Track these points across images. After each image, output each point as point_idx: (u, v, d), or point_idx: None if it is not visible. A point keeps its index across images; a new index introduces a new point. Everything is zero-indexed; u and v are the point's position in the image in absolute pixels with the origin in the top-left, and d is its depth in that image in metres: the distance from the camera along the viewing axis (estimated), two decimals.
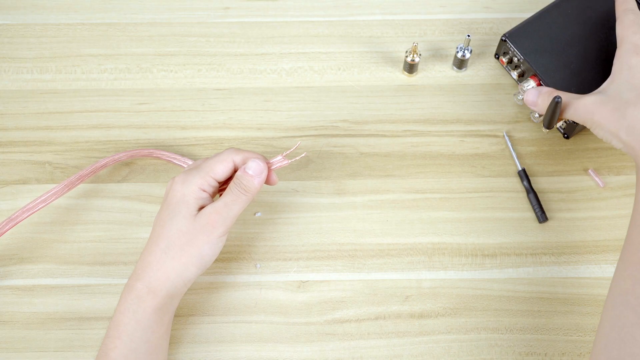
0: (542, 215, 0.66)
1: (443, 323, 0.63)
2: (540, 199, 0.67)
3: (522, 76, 0.69)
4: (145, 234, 0.66)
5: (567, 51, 0.66)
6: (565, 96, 0.61)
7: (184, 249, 0.57)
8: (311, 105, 0.72)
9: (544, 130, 0.63)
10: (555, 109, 0.60)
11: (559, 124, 0.67)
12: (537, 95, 0.63)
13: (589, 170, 0.69)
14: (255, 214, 0.67)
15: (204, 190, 0.59)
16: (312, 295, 0.64)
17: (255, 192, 0.59)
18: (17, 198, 0.68)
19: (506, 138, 0.69)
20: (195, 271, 0.58)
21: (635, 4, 0.63)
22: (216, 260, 0.65)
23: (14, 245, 0.66)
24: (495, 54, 0.71)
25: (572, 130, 0.67)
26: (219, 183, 0.60)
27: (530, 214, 0.67)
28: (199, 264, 0.58)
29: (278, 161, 0.61)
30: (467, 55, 0.71)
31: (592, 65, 0.65)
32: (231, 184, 0.59)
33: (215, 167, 0.59)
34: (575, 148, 0.70)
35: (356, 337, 0.63)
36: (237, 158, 0.60)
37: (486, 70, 0.73)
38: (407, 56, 0.71)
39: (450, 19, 0.76)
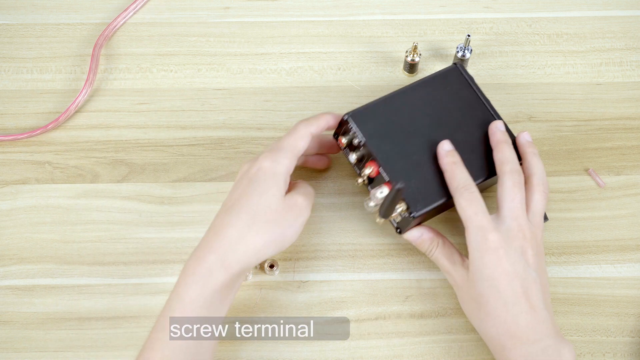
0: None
1: (443, 323, 0.63)
2: None
3: (360, 161, 0.63)
4: (145, 234, 0.66)
5: (410, 141, 0.61)
6: (443, 248, 0.61)
7: (269, 226, 0.57)
8: (311, 105, 0.72)
9: (378, 220, 0.60)
10: (395, 197, 0.57)
11: (394, 216, 0.62)
12: (419, 237, 0.62)
13: (589, 170, 0.69)
14: None
15: (290, 171, 0.59)
16: (312, 295, 0.64)
17: None
18: (17, 198, 0.68)
19: None
20: (272, 252, 0.57)
21: (468, 177, 0.59)
22: None
23: (14, 245, 0.66)
24: (334, 134, 0.64)
25: (405, 225, 0.62)
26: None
27: None
28: (278, 246, 0.58)
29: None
30: (467, 55, 0.71)
31: (432, 159, 0.61)
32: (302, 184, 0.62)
33: (298, 145, 0.59)
34: (575, 148, 0.70)
35: (356, 337, 0.63)
36: (312, 129, 0.61)
37: (486, 70, 0.73)
38: (407, 56, 0.71)
39: (450, 19, 0.76)
